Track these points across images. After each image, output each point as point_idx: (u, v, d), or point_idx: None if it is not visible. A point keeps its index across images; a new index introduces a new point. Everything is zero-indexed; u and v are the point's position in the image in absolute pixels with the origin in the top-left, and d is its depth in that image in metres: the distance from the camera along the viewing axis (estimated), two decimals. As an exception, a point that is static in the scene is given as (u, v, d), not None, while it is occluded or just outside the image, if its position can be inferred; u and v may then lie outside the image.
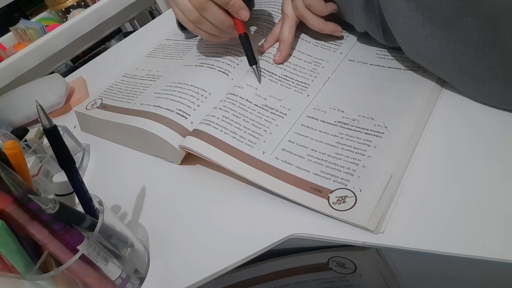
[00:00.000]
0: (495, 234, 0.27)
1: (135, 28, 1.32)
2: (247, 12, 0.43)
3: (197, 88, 0.45)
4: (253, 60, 0.43)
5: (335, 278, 0.31)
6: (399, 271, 0.30)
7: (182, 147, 0.40)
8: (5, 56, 0.92)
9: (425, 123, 0.36)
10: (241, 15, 0.43)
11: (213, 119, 0.40)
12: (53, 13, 1.20)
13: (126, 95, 0.50)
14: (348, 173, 0.34)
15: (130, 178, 0.44)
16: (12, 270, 0.30)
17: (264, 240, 0.33)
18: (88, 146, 0.51)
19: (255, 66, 0.43)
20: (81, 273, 0.30)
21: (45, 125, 0.28)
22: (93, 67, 0.71)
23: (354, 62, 0.44)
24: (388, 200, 0.31)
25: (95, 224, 0.30)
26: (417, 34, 0.35)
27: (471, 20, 0.31)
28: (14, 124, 0.59)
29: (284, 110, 0.41)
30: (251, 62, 0.43)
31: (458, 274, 0.29)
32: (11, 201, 0.27)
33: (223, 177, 0.39)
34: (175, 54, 0.55)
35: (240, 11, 0.43)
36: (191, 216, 0.38)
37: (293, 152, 0.37)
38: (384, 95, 0.39)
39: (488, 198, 0.29)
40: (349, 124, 0.38)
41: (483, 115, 0.34)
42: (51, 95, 0.59)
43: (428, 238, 0.28)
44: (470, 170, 0.31)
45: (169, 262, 0.35)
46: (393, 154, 0.34)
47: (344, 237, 0.31)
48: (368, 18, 0.40)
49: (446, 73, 0.36)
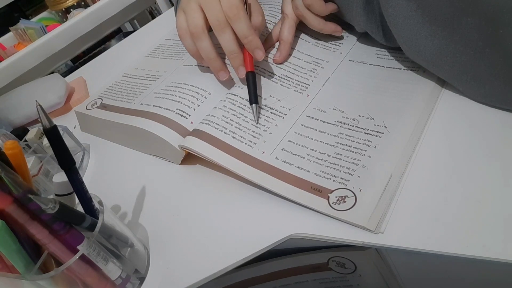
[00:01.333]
0: (495, 234, 0.27)
1: (135, 28, 1.32)
2: (263, 54, 0.41)
3: (197, 88, 0.45)
4: (254, 99, 0.40)
5: (335, 278, 0.31)
6: (399, 271, 0.30)
7: (182, 147, 0.40)
8: (5, 56, 0.92)
9: (425, 123, 0.36)
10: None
11: (213, 119, 0.40)
12: (53, 13, 1.20)
13: (126, 95, 0.50)
14: (348, 173, 0.34)
15: (130, 178, 0.44)
16: (12, 270, 0.30)
17: (264, 240, 0.33)
18: (88, 146, 0.51)
19: (255, 105, 0.40)
20: (81, 273, 0.30)
21: (45, 125, 0.28)
22: (93, 67, 0.71)
23: (354, 62, 0.44)
24: (388, 200, 0.31)
25: (95, 224, 0.30)
26: (417, 34, 0.35)
27: (471, 20, 0.31)
28: (14, 124, 0.59)
29: (284, 110, 0.41)
30: (252, 101, 0.40)
31: (458, 274, 0.29)
32: (11, 201, 0.27)
33: (223, 177, 0.39)
34: (175, 54, 0.55)
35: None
36: (191, 216, 0.38)
37: (293, 152, 0.37)
38: (384, 95, 0.39)
39: (488, 198, 0.29)
40: (349, 124, 0.38)
41: (483, 115, 0.34)
42: (51, 95, 0.59)
43: (428, 238, 0.28)
44: (470, 170, 0.31)
45: (169, 262, 0.35)
46: (393, 154, 0.34)
47: (344, 237, 0.31)
48: (368, 18, 0.40)
49: (446, 73, 0.36)
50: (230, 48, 0.41)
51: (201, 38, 0.41)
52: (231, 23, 0.40)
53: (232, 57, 0.42)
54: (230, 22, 0.40)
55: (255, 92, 0.41)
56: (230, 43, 0.41)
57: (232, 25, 0.40)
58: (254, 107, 0.40)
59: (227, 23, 0.40)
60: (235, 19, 0.40)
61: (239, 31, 0.40)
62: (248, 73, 0.42)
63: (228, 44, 0.41)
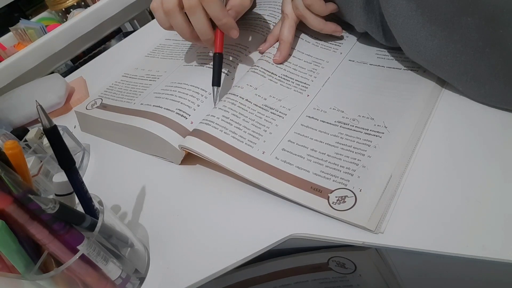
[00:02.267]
0: (495, 234, 0.27)
1: (135, 28, 1.32)
2: (237, 32, 0.42)
3: (197, 88, 0.45)
4: (217, 81, 0.42)
5: (335, 278, 0.31)
6: (399, 271, 0.30)
7: (182, 147, 0.40)
8: (5, 56, 0.92)
9: (425, 123, 0.36)
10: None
11: (213, 119, 0.40)
12: (53, 13, 1.20)
13: (126, 95, 0.50)
14: (348, 173, 0.34)
15: (130, 178, 0.44)
16: (12, 270, 0.30)
17: (264, 240, 0.33)
18: (88, 146, 0.51)
19: (216, 88, 0.42)
20: (81, 273, 0.30)
21: (45, 125, 0.28)
22: (93, 67, 0.71)
23: (354, 62, 0.44)
24: (388, 200, 0.31)
25: (95, 224, 0.30)
26: (417, 34, 0.35)
27: (471, 20, 0.31)
28: (14, 124, 0.59)
29: (284, 110, 0.41)
30: (214, 82, 0.42)
31: (458, 274, 0.29)
32: (11, 201, 0.27)
33: (223, 177, 0.39)
34: (175, 54, 0.55)
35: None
36: (191, 216, 0.38)
37: (293, 152, 0.37)
38: (384, 95, 0.39)
39: (488, 198, 0.29)
40: (349, 124, 0.38)
41: (483, 115, 0.34)
42: (51, 95, 0.59)
43: (428, 238, 0.28)
44: (470, 170, 0.31)
45: (169, 262, 0.35)
46: (393, 154, 0.34)
47: (344, 237, 0.31)
48: (368, 18, 0.40)
49: (446, 73, 0.36)
50: (202, 29, 0.42)
51: (173, 16, 0.41)
52: (204, 4, 0.40)
53: (204, 39, 0.42)
54: (203, 3, 0.40)
55: (219, 74, 0.42)
56: (201, 25, 0.41)
57: (204, 6, 0.40)
58: (215, 89, 0.41)
59: (198, 4, 0.40)
60: (208, 1, 0.40)
61: (211, 13, 0.41)
62: (215, 54, 0.43)
63: (199, 26, 0.41)
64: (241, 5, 0.43)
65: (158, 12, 0.43)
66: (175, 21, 0.42)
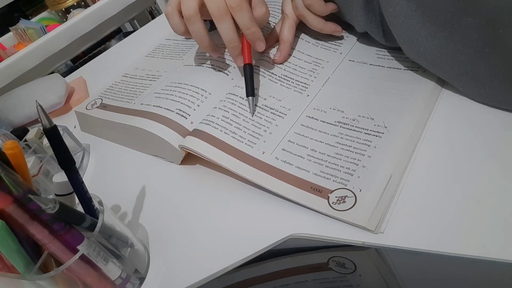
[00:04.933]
0: (495, 234, 0.27)
1: (135, 28, 1.32)
2: (264, 45, 0.41)
3: (197, 88, 0.45)
4: (251, 92, 0.41)
5: (335, 278, 0.31)
6: (399, 271, 0.30)
7: (182, 147, 0.40)
8: (5, 56, 0.92)
9: (425, 123, 0.36)
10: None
11: (213, 119, 0.40)
12: (53, 13, 1.20)
13: (126, 95, 0.50)
14: (348, 173, 0.34)
15: (130, 178, 0.44)
16: (12, 270, 0.30)
17: (264, 240, 0.33)
18: (88, 146, 0.51)
19: (251, 98, 0.40)
20: (81, 273, 0.30)
21: (45, 125, 0.28)
22: (93, 67, 0.71)
23: (354, 62, 0.44)
24: (388, 200, 0.31)
25: (95, 224, 0.30)
26: (417, 34, 0.35)
27: (471, 20, 0.31)
28: (14, 124, 0.59)
29: (284, 110, 0.41)
30: (248, 93, 0.41)
31: (458, 274, 0.29)
32: (11, 201, 0.27)
33: (223, 177, 0.39)
34: (175, 54, 0.55)
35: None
36: (191, 216, 0.38)
37: (293, 152, 0.37)
38: (384, 95, 0.39)
39: (488, 198, 0.29)
40: (349, 124, 0.38)
41: (483, 115, 0.34)
42: (51, 95, 0.59)
43: (428, 238, 0.28)
44: (470, 170, 0.31)
45: (169, 262, 0.35)
46: (393, 154, 0.34)
47: (344, 237, 0.31)
48: (368, 18, 0.40)
49: (446, 73, 0.36)
50: (229, 37, 0.41)
51: (193, 22, 0.41)
52: (233, 13, 0.40)
53: (231, 46, 0.41)
54: (232, 12, 0.40)
55: (252, 84, 0.41)
56: (229, 32, 0.41)
57: (234, 15, 0.40)
58: (251, 99, 0.40)
59: (227, 11, 0.40)
60: (238, 9, 0.39)
61: (240, 21, 0.40)
62: (246, 65, 0.42)
63: (228, 33, 0.41)
64: (263, 18, 0.43)
65: (173, 17, 0.42)
66: (194, 28, 0.41)
